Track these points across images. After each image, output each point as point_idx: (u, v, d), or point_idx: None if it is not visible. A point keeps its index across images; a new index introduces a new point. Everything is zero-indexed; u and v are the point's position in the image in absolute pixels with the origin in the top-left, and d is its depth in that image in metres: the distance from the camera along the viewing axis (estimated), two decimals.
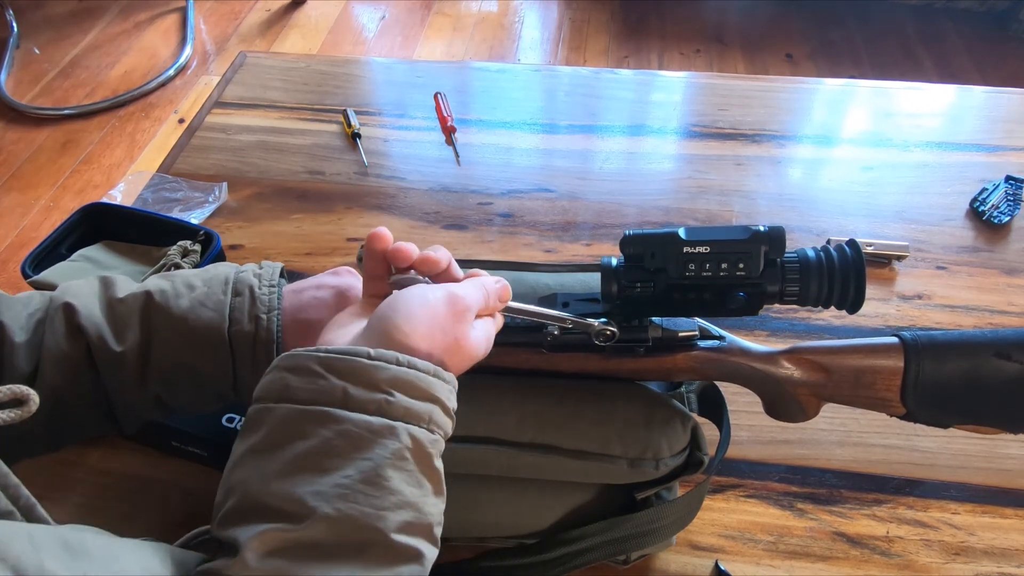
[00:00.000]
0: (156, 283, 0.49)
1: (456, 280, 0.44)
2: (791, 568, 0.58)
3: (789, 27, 2.39)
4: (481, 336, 0.42)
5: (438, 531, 0.37)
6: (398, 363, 0.36)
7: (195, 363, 0.48)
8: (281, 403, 0.36)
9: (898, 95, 1.04)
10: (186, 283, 0.49)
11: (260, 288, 0.49)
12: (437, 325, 0.39)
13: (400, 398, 0.35)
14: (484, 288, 0.43)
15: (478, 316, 0.43)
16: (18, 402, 0.37)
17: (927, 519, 0.60)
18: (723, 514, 0.61)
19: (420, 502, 0.35)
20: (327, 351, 0.36)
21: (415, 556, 0.35)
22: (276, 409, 0.36)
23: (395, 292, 0.41)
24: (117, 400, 0.48)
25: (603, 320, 0.49)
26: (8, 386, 0.36)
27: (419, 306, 0.39)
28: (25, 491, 0.33)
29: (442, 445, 0.38)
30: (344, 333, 0.41)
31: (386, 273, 0.44)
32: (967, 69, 2.19)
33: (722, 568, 0.57)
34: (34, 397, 0.37)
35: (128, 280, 0.50)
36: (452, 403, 0.39)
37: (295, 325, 0.50)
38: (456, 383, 0.39)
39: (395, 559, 0.34)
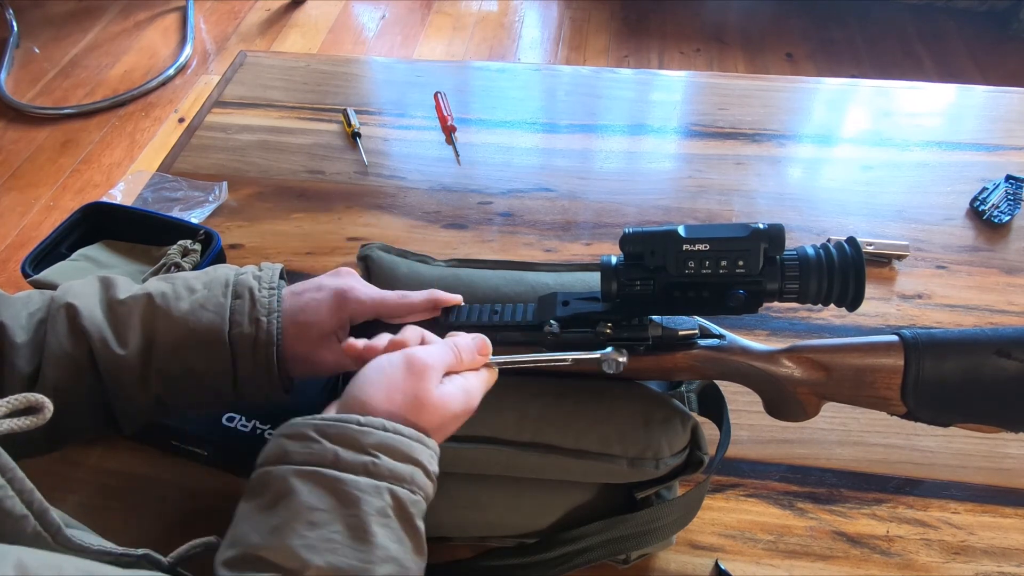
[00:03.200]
0: (157, 286, 0.50)
1: (426, 343, 0.46)
2: (791, 567, 0.58)
3: (789, 26, 2.39)
4: (454, 391, 0.44)
5: None
6: (384, 429, 0.39)
7: (196, 364, 0.48)
8: (279, 465, 0.39)
9: (898, 95, 1.04)
10: (186, 286, 0.50)
11: (260, 291, 0.50)
12: (395, 388, 0.41)
13: (385, 460, 0.39)
14: (454, 347, 0.45)
15: (454, 372, 0.45)
16: (32, 410, 0.37)
17: (927, 518, 0.60)
18: (723, 513, 0.61)
19: (403, 558, 0.37)
20: (322, 419, 0.40)
21: None
22: (275, 471, 0.39)
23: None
24: (118, 401, 0.48)
25: (609, 350, 0.48)
26: (24, 394, 0.37)
27: (375, 373, 0.42)
28: (39, 496, 0.34)
29: (423, 506, 0.40)
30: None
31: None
32: (967, 69, 2.19)
33: (722, 567, 0.57)
34: (48, 405, 0.37)
35: (128, 281, 0.51)
36: (434, 467, 0.41)
37: (294, 327, 0.50)
38: (437, 449, 0.42)
39: None
